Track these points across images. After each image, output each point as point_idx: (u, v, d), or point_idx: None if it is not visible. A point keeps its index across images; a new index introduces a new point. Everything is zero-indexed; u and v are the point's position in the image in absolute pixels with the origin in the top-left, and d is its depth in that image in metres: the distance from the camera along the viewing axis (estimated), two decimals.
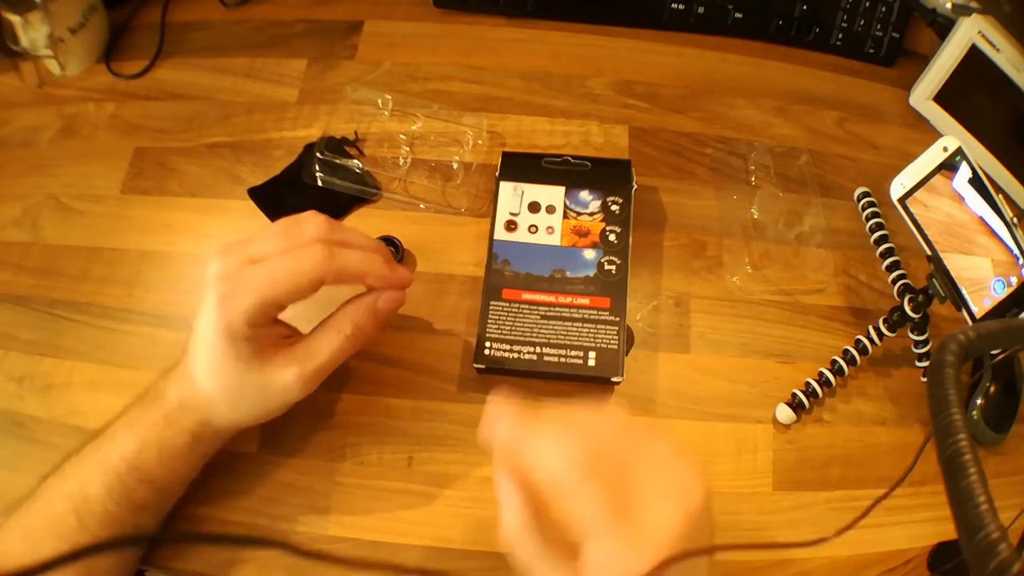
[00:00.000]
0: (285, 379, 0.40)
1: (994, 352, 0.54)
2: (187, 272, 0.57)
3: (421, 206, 0.59)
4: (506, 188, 0.56)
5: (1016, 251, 0.51)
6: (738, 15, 0.68)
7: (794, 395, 0.53)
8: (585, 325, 0.51)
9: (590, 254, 0.54)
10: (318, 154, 0.59)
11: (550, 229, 0.54)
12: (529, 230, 0.55)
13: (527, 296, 0.52)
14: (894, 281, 0.56)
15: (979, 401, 0.54)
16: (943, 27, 0.64)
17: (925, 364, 0.56)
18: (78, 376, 0.52)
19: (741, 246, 0.59)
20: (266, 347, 0.41)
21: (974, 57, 0.60)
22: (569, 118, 0.64)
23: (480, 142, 0.62)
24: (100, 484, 0.39)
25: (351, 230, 0.43)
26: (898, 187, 0.49)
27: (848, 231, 0.61)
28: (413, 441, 0.51)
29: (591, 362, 0.50)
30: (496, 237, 0.54)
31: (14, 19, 0.59)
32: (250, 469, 0.49)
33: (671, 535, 0.28)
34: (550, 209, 0.55)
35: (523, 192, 0.56)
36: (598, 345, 0.50)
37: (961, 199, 0.50)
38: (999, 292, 0.51)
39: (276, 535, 0.48)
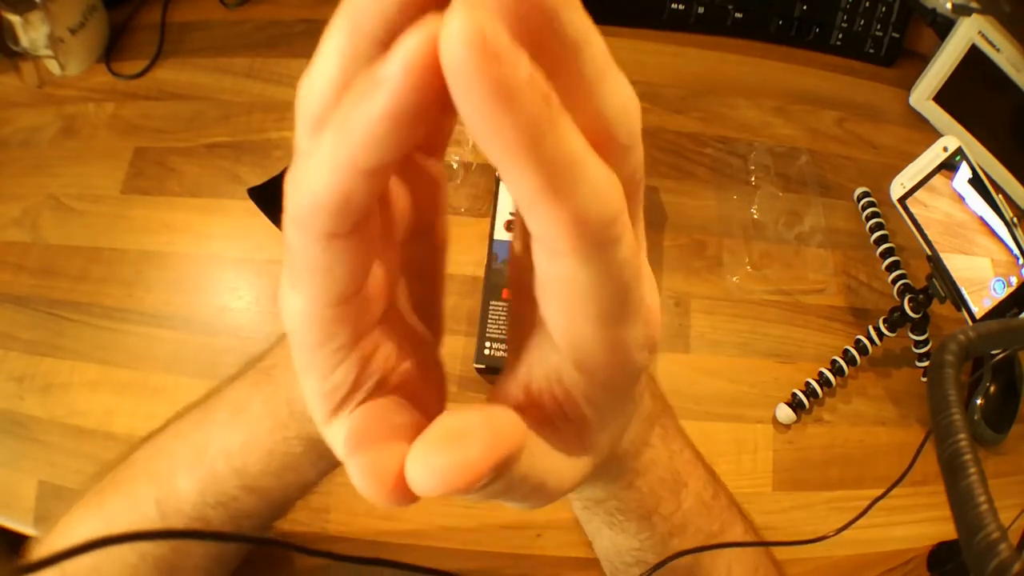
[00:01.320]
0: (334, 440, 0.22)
1: (994, 352, 0.54)
2: (187, 272, 0.57)
3: None
4: (506, 188, 0.56)
5: (1016, 251, 0.51)
6: (738, 15, 0.68)
7: (794, 395, 0.53)
8: None
9: None
10: None
11: None
12: None
13: None
14: (894, 281, 0.56)
15: (979, 401, 0.54)
16: (943, 27, 0.64)
17: (925, 364, 0.56)
18: (78, 376, 0.52)
19: (741, 246, 0.59)
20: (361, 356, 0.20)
21: (974, 57, 0.60)
22: None
23: None
24: (192, 476, 0.31)
25: None
26: (898, 187, 0.49)
27: (848, 231, 0.61)
28: None
29: None
30: (496, 237, 0.54)
31: (14, 19, 0.59)
32: None
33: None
34: None
35: None
36: None
37: (961, 199, 0.50)
38: (999, 292, 0.51)
39: (276, 535, 0.48)
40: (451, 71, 0.12)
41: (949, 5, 0.63)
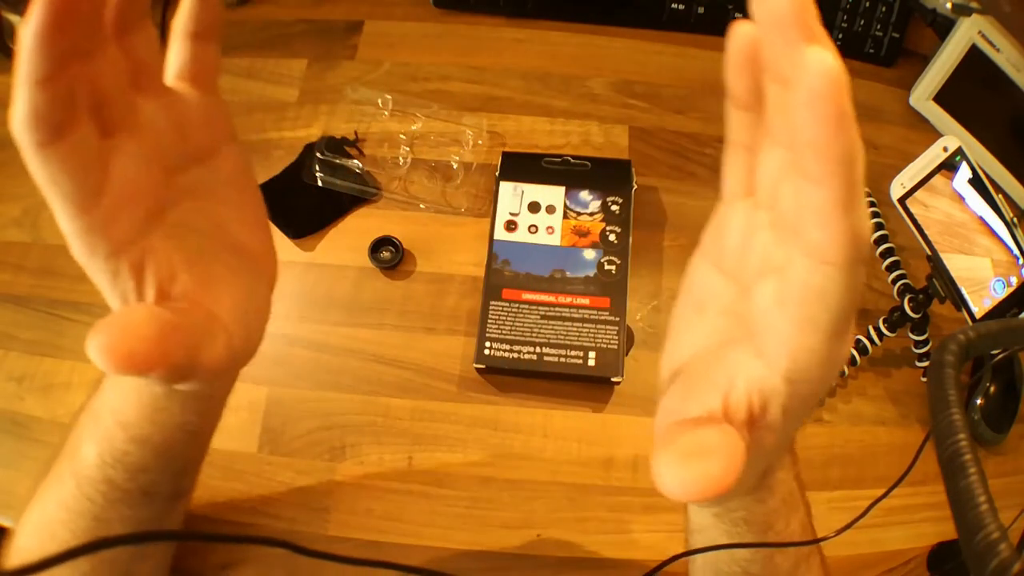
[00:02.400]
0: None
1: (994, 352, 0.54)
2: None
3: (421, 206, 0.59)
4: (506, 188, 0.56)
5: (1016, 251, 0.51)
6: (738, 15, 0.68)
7: None
8: (585, 325, 0.51)
9: (590, 254, 0.54)
10: (318, 154, 0.59)
11: (550, 229, 0.54)
12: (529, 230, 0.55)
13: (527, 296, 0.52)
14: (894, 281, 0.56)
15: (979, 401, 0.54)
16: (943, 27, 0.64)
17: (925, 364, 0.56)
18: (78, 376, 0.52)
19: None
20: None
21: (974, 57, 0.60)
22: (569, 118, 0.64)
23: (480, 142, 0.62)
24: (92, 440, 0.32)
25: None
26: (898, 187, 0.49)
27: None
28: (413, 441, 0.51)
29: (591, 362, 0.50)
30: (496, 237, 0.54)
31: (14, 19, 0.59)
32: (250, 469, 0.49)
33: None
34: (550, 209, 0.55)
35: (523, 192, 0.56)
36: (598, 345, 0.50)
37: (961, 199, 0.50)
38: (999, 292, 0.51)
39: (276, 535, 0.48)
40: (821, 93, 0.17)
41: (949, 5, 0.63)
